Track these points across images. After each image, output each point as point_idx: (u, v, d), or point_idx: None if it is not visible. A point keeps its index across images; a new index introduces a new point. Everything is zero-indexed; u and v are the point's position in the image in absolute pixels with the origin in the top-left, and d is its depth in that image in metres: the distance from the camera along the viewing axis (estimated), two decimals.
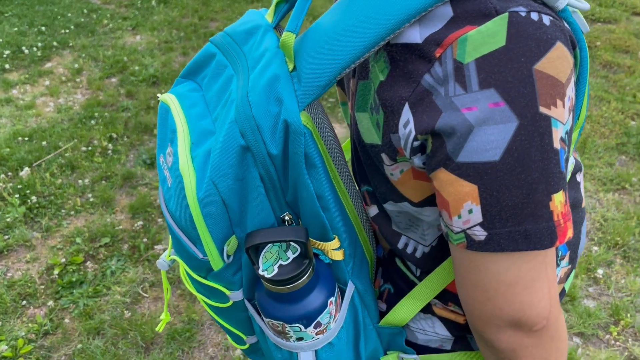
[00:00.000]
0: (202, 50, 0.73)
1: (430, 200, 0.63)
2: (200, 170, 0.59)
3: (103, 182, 2.79)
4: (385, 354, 0.77)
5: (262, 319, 0.67)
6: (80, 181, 2.79)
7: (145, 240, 2.41)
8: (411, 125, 0.54)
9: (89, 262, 2.32)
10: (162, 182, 0.68)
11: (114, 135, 3.17)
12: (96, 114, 3.38)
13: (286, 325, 0.62)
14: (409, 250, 0.70)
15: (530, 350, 0.58)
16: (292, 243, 0.61)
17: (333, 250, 0.62)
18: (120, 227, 2.50)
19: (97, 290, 2.18)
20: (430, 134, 0.53)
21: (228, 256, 0.62)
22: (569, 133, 0.54)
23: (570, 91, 0.52)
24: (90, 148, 3.05)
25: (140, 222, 2.51)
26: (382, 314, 0.78)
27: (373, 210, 0.71)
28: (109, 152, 3.03)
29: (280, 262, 0.60)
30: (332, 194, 0.60)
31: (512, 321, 0.56)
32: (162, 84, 3.74)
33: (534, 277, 0.54)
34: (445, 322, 0.74)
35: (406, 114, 0.54)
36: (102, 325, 2.04)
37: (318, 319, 0.63)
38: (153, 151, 3.00)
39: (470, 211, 0.53)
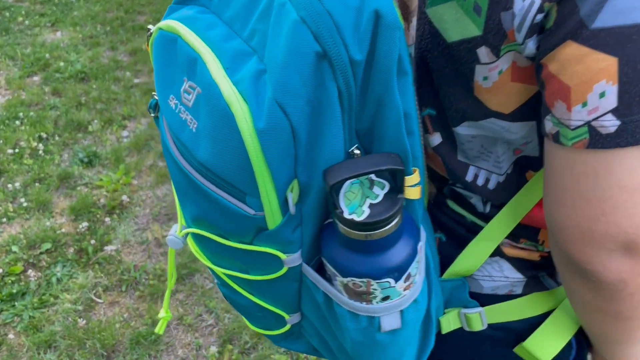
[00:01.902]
0: None
1: (524, 111, 0.54)
2: (253, 96, 0.47)
3: (36, 184, 2.54)
4: (443, 312, 0.68)
5: (333, 282, 0.55)
6: (9, 185, 2.53)
7: (92, 242, 2.20)
8: None
9: (30, 271, 2.09)
10: (178, 130, 0.54)
11: (44, 135, 2.91)
12: (20, 114, 3.09)
13: (372, 282, 0.51)
14: (480, 181, 0.61)
15: None
16: (376, 178, 0.50)
17: (410, 187, 0.51)
18: (62, 230, 2.28)
19: (44, 301, 1.97)
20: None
21: (293, 206, 0.50)
22: None
23: None
24: (17, 150, 2.78)
25: (85, 224, 2.30)
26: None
27: (435, 139, 0.61)
28: (40, 152, 2.77)
29: (369, 201, 0.49)
30: (415, 112, 0.50)
31: (627, 242, 0.48)
32: (91, 79, 3.49)
33: None
34: (516, 262, 0.66)
35: None
36: (54, 338, 1.83)
37: (409, 269, 0.52)
38: (90, 148, 2.78)
39: (602, 94, 0.44)
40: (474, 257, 0.65)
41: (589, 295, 0.55)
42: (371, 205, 0.48)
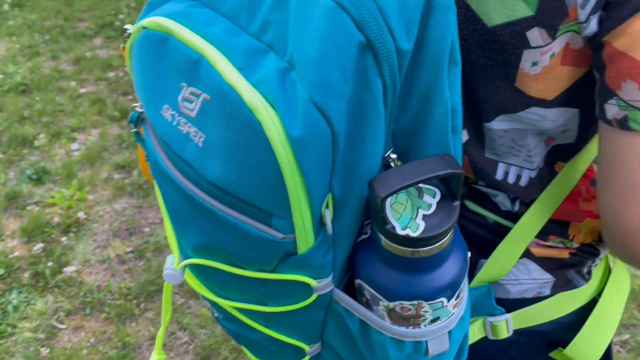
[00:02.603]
0: None
1: (566, 96, 0.50)
2: (281, 100, 0.39)
3: None
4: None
5: (374, 307, 0.48)
6: None
7: (49, 264, 2.06)
8: None
9: None
10: (178, 145, 0.46)
11: None
12: None
13: (424, 304, 0.45)
14: (511, 179, 0.56)
15: None
16: (424, 186, 0.44)
17: None
18: (15, 254, 2.12)
19: (0, 332, 1.82)
20: None
21: (330, 224, 0.43)
22: None
23: None
24: None
25: (40, 245, 2.15)
26: None
27: (462, 137, 0.56)
28: None
29: (422, 212, 0.42)
30: (461, 107, 0.44)
31: None
32: (33, 91, 3.30)
33: None
34: (545, 262, 0.62)
35: None
36: None
37: (462, 285, 0.46)
38: (38, 164, 2.61)
39: None
40: (503, 261, 0.60)
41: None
42: (425, 217, 0.41)
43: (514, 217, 0.59)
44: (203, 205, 0.46)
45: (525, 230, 0.58)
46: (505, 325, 0.62)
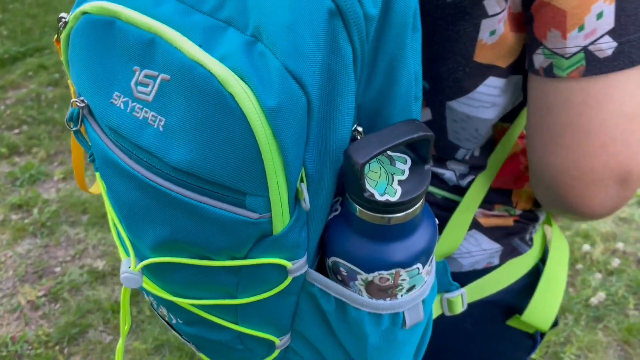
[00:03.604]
0: None
1: (516, 64, 0.53)
2: (251, 71, 0.39)
3: None
4: None
5: (350, 283, 0.48)
6: None
7: None
8: None
9: None
10: (133, 133, 0.44)
11: None
12: None
13: (402, 272, 0.46)
14: (467, 156, 0.59)
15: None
16: (393, 153, 0.45)
17: None
18: None
19: None
20: None
21: (307, 199, 0.42)
22: None
23: None
24: None
25: None
26: None
27: (425, 115, 0.57)
28: None
29: (397, 177, 0.43)
30: (421, 74, 0.45)
31: (623, 174, 0.48)
32: None
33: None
34: (492, 231, 0.65)
35: None
36: None
37: (434, 251, 0.48)
38: None
39: (599, 15, 0.43)
40: (455, 233, 0.62)
41: (573, 219, 0.56)
42: (400, 182, 0.42)
43: (461, 190, 0.62)
44: (167, 194, 0.44)
45: (472, 199, 0.61)
46: (461, 299, 0.64)
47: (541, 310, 0.66)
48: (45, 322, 1.91)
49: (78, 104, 0.49)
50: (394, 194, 0.42)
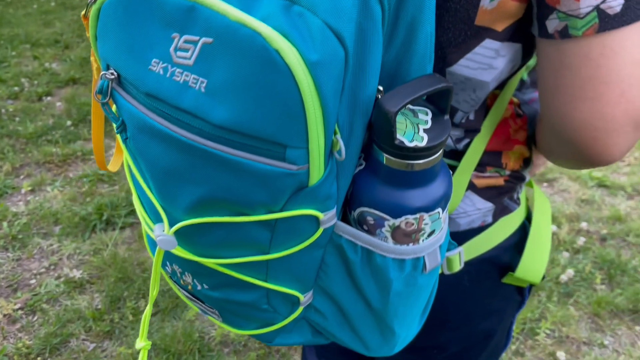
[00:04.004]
0: None
1: (512, 30, 0.57)
2: (292, 29, 0.42)
3: None
4: None
5: (377, 231, 0.52)
6: None
7: None
8: None
9: None
10: (174, 96, 0.47)
11: None
12: None
13: (425, 216, 0.50)
14: (464, 120, 0.64)
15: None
16: (415, 107, 0.49)
17: None
18: None
19: None
20: None
21: (344, 150, 0.46)
22: None
23: None
24: None
25: None
26: None
27: None
28: None
29: (422, 127, 0.47)
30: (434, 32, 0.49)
31: (638, 119, 0.53)
32: None
33: None
34: (485, 191, 0.70)
35: None
36: None
37: (451, 196, 0.52)
38: None
39: None
40: (454, 195, 0.67)
41: (583, 167, 0.60)
42: (425, 131, 0.47)
43: (458, 154, 0.67)
44: (208, 152, 0.47)
45: (469, 161, 0.65)
46: (459, 258, 0.69)
47: (532, 265, 0.71)
48: (25, 334, 1.87)
49: (108, 76, 0.52)
50: (422, 140, 0.46)
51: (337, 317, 0.61)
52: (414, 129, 0.47)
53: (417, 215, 0.50)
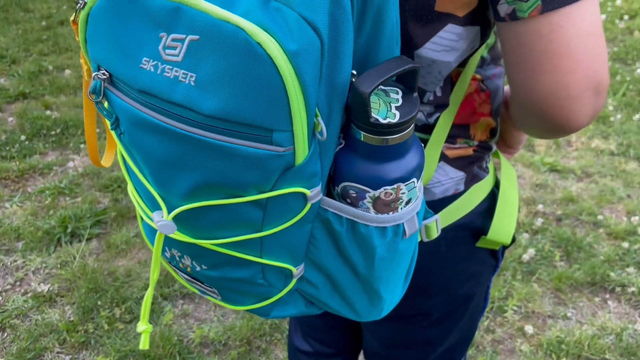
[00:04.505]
0: None
1: (472, 16, 0.62)
2: (271, 23, 0.46)
3: None
4: None
5: (359, 203, 0.57)
6: None
7: None
8: None
9: None
10: (166, 91, 0.50)
11: None
12: None
13: (402, 186, 0.55)
14: (432, 98, 0.69)
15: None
16: (386, 87, 0.54)
17: None
18: None
19: None
20: None
21: (325, 130, 0.50)
22: None
23: None
24: None
25: None
26: None
27: None
28: None
29: (394, 105, 0.52)
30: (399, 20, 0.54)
31: (597, 84, 0.58)
32: None
33: (600, 25, 0.56)
34: (456, 161, 0.75)
35: None
36: None
37: (424, 167, 0.57)
38: None
39: None
40: (428, 166, 0.71)
41: (555, 136, 0.65)
42: (397, 108, 0.51)
43: (430, 128, 0.72)
44: (201, 140, 0.50)
45: (439, 133, 0.70)
46: (436, 225, 0.73)
47: (502, 227, 0.77)
48: None
49: (100, 76, 0.55)
50: (394, 117, 0.51)
51: (327, 286, 0.66)
52: (386, 107, 0.52)
53: (395, 186, 0.55)
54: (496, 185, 0.82)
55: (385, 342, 0.91)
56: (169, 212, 0.58)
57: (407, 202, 0.58)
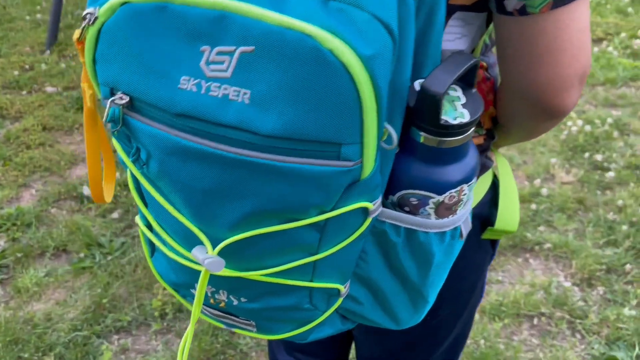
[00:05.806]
0: None
1: (479, 3, 0.61)
2: (338, 26, 0.41)
3: None
4: None
5: (420, 210, 0.54)
6: None
7: None
8: None
9: None
10: (213, 113, 0.44)
11: None
12: None
13: (465, 187, 0.53)
14: None
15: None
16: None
17: None
18: None
19: None
20: None
21: (396, 139, 0.46)
22: None
23: None
24: None
25: None
26: None
27: None
28: None
29: (458, 103, 0.50)
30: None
31: (582, 75, 0.61)
32: None
33: (588, 20, 0.59)
34: None
35: None
36: None
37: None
38: None
39: None
40: None
41: (542, 127, 0.67)
42: (464, 106, 0.49)
43: None
44: (257, 164, 0.45)
45: None
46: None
47: (509, 215, 0.78)
48: None
49: (117, 101, 0.47)
50: (464, 116, 0.48)
51: (370, 300, 0.62)
52: (452, 106, 0.49)
53: (459, 188, 0.53)
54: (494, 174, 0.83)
55: (392, 349, 0.89)
56: (213, 246, 0.51)
57: (466, 203, 0.56)
